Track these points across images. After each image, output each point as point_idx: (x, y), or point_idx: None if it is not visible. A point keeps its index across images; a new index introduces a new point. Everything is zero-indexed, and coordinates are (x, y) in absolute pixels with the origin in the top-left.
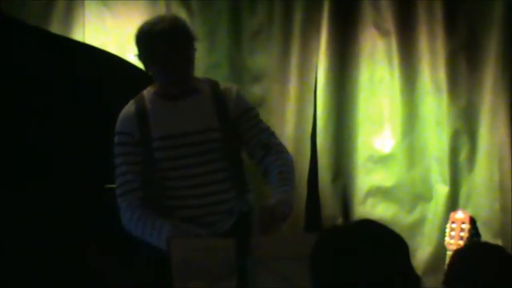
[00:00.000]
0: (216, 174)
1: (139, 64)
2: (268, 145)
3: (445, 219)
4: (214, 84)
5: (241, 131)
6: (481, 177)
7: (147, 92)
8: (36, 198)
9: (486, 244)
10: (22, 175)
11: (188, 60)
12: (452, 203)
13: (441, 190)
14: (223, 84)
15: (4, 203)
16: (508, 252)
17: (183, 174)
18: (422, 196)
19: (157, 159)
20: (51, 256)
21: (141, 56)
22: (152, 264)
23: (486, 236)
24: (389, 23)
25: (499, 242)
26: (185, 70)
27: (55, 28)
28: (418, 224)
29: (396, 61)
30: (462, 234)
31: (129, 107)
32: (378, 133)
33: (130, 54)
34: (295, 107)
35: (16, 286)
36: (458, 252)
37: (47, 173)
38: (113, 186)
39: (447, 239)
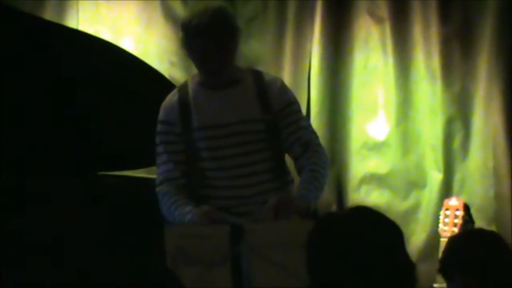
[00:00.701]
0: (257, 165)
1: (132, 50)
2: (308, 143)
3: (439, 206)
4: (257, 75)
5: (281, 125)
6: (475, 164)
7: (192, 80)
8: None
9: (481, 230)
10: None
11: (225, 53)
12: (446, 190)
13: (435, 177)
14: (267, 75)
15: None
16: (502, 239)
17: (224, 164)
18: (416, 183)
19: (198, 149)
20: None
21: (183, 44)
22: None
23: (480, 222)
24: (383, 10)
25: (493, 228)
26: (219, 63)
27: (49, 15)
28: (412, 211)
29: (390, 48)
30: (456, 221)
31: (173, 96)
32: (372, 120)
33: (124, 40)
34: None
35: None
36: (453, 239)
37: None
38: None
39: (441, 226)
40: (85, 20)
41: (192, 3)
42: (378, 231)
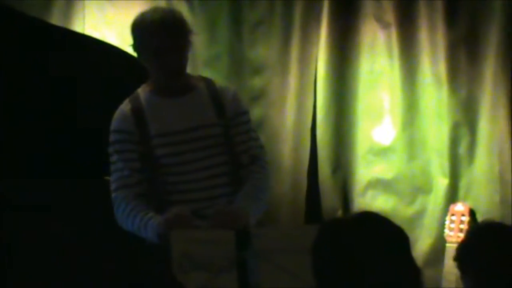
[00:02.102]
0: (215, 169)
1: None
2: (257, 157)
3: (445, 211)
4: (209, 82)
5: (232, 132)
6: (481, 169)
7: (142, 91)
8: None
9: (501, 223)
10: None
11: (181, 52)
12: (452, 195)
13: (441, 182)
14: (219, 84)
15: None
16: None
17: (184, 170)
18: (422, 188)
19: (157, 156)
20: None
21: (135, 46)
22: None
23: None
24: (390, 15)
25: None
26: (177, 62)
27: (55, 19)
28: (418, 216)
29: (396, 53)
30: (461, 226)
31: (125, 106)
32: (378, 125)
33: (127, 46)
34: (295, 99)
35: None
36: (472, 230)
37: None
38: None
39: (446, 231)
40: (91, 24)
41: (197, 6)
42: (384, 236)
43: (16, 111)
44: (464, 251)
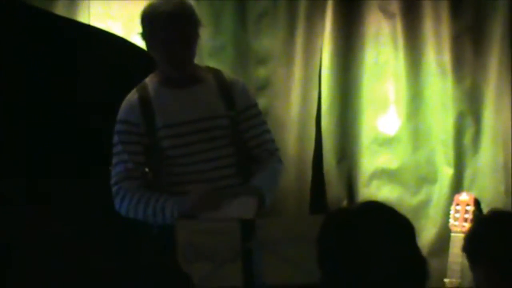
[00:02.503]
0: (222, 160)
1: (143, 45)
2: (273, 153)
3: (450, 201)
4: (218, 73)
5: (244, 126)
6: (486, 159)
7: (150, 81)
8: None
9: (508, 212)
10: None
11: (188, 43)
12: (457, 185)
13: (446, 172)
14: (228, 75)
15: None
16: None
17: (190, 161)
18: (426, 178)
19: (164, 147)
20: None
21: (143, 36)
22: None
23: None
24: (394, 6)
25: None
26: (184, 54)
27: (60, 10)
28: (423, 206)
29: (401, 43)
30: (466, 216)
31: (132, 96)
32: (383, 115)
33: (135, 36)
34: (300, 89)
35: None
36: (480, 220)
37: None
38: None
39: (451, 221)
40: (96, 16)
41: (205, 0)
42: (389, 226)
43: (20, 103)
44: (473, 242)
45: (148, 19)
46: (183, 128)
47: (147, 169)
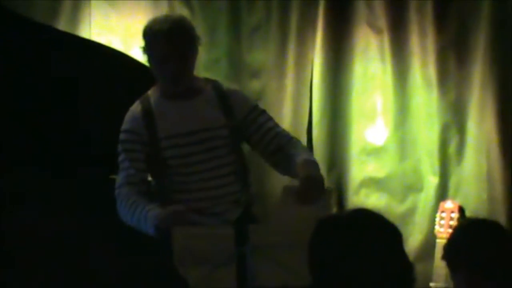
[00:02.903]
0: (222, 169)
1: (143, 59)
2: (287, 136)
3: (435, 208)
4: (216, 84)
5: (252, 129)
6: (470, 168)
7: (153, 92)
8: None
9: (485, 219)
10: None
11: (184, 60)
12: (442, 193)
13: (431, 181)
14: (225, 86)
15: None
16: (506, 230)
17: (191, 170)
18: (413, 186)
19: (165, 157)
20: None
21: (143, 51)
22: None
23: None
24: (382, 21)
25: None
26: (179, 70)
27: (62, 25)
28: (409, 213)
29: (388, 57)
30: (451, 223)
31: (136, 107)
32: (371, 126)
33: (134, 50)
34: (292, 101)
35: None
36: (458, 228)
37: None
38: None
39: (437, 227)
40: (97, 30)
41: (199, 13)
42: (378, 233)
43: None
44: (452, 249)
45: (147, 35)
46: (182, 139)
47: (149, 177)
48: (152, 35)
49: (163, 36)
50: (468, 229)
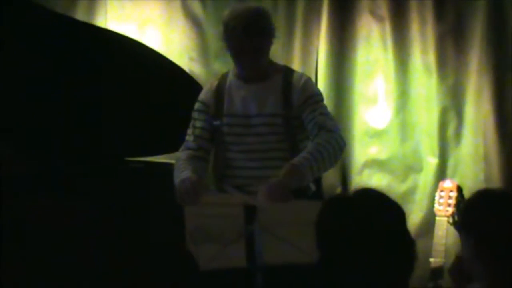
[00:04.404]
0: (270, 153)
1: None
2: (323, 124)
3: (434, 188)
4: (287, 72)
5: (304, 115)
6: (467, 149)
7: (232, 72)
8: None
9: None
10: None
11: (257, 52)
12: (441, 173)
13: (431, 161)
14: (296, 73)
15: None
16: None
17: (241, 149)
18: (413, 167)
19: (223, 133)
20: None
21: (223, 40)
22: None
23: None
24: (384, 10)
25: None
26: (251, 61)
27: (80, 15)
28: (410, 192)
29: (390, 44)
30: (450, 201)
31: (213, 82)
32: (373, 110)
33: (149, 38)
34: None
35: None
36: (475, 194)
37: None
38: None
39: (436, 206)
40: (113, 18)
41: (209, 4)
42: (382, 211)
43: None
44: (467, 212)
45: (225, 25)
46: (239, 120)
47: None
48: (230, 30)
49: (239, 33)
50: (485, 196)
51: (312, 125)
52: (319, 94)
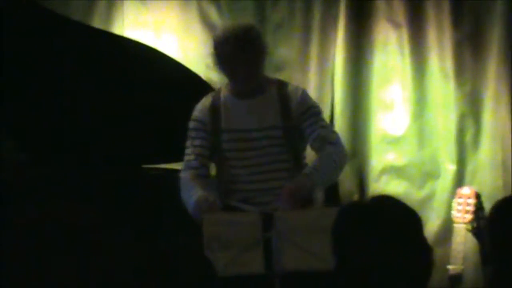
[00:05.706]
0: (273, 165)
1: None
2: (325, 138)
3: (452, 194)
4: (282, 85)
5: (303, 127)
6: (485, 156)
7: (224, 88)
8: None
9: None
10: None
11: (251, 65)
12: (459, 180)
13: (449, 168)
14: (291, 86)
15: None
16: None
17: (244, 164)
18: (431, 174)
19: (224, 149)
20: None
21: (213, 58)
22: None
23: None
24: (401, 17)
25: None
26: (246, 74)
27: (97, 22)
28: (428, 199)
29: (407, 51)
30: (468, 208)
31: (207, 99)
32: (390, 117)
33: (166, 46)
34: (315, 94)
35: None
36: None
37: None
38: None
39: (454, 213)
40: (130, 25)
41: (226, 11)
42: (399, 218)
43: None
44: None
45: (216, 44)
46: (239, 135)
47: (211, 163)
48: (221, 43)
49: (232, 52)
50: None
51: (315, 137)
52: (317, 106)
